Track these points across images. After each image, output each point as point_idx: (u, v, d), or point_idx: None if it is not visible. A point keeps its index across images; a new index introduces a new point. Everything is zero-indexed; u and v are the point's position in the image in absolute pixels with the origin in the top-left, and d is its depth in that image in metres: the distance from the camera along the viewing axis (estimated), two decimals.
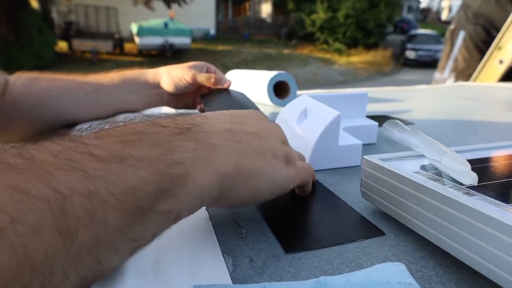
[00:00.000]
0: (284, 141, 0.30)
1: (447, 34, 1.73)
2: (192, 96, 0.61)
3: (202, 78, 0.56)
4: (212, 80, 0.56)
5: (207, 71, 0.60)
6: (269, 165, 0.26)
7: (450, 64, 1.67)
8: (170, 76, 0.57)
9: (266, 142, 0.27)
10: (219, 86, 0.57)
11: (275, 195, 0.28)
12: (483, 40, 1.57)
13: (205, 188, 0.22)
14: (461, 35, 1.63)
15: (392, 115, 0.69)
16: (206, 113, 0.27)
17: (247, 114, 0.29)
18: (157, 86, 0.57)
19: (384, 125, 0.40)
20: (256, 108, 0.56)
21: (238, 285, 0.21)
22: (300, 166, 0.30)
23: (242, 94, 0.62)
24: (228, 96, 0.57)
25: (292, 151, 0.30)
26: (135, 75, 0.57)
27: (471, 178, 0.24)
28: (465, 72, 1.62)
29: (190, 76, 0.56)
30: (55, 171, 0.16)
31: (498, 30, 1.48)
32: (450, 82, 1.64)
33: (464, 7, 1.67)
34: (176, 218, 0.21)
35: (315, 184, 0.37)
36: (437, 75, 1.75)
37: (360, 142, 0.43)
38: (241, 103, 0.57)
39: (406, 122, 0.64)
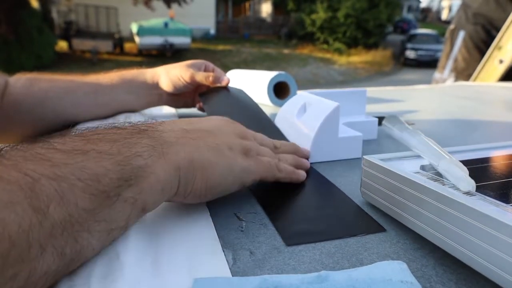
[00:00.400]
0: (244, 136, 0.32)
1: (447, 34, 1.74)
2: (191, 95, 0.61)
3: (200, 77, 0.56)
4: (211, 78, 0.56)
5: (205, 69, 0.60)
6: (224, 157, 0.29)
7: (450, 64, 1.67)
8: (169, 76, 0.57)
9: (221, 138, 0.30)
10: (218, 85, 0.57)
11: (236, 188, 0.30)
12: (483, 40, 1.58)
13: (164, 180, 0.24)
14: (461, 35, 1.63)
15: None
16: (163, 120, 0.30)
17: (206, 117, 0.33)
18: (156, 86, 0.57)
19: (384, 122, 0.40)
20: (255, 104, 0.56)
21: (238, 277, 0.21)
22: (263, 160, 0.32)
23: (241, 91, 0.61)
24: (227, 93, 0.57)
25: (255, 146, 0.33)
26: (134, 75, 0.57)
27: (469, 184, 0.24)
28: (465, 72, 1.63)
29: (188, 75, 0.56)
30: (24, 162, 0.19)
31: (498, 30, 1.48)
32: (450, 81, 1.65)
33: (464, 7, 1.67)
34: (144, 208, 0.24)
35: (316, 176, 0.37)
36: (437, 75, 1.75)
37: (360, 134, 0.43)
38: (240, 100, 0.57)
39: (406, 121, 0.64)
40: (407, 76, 9.65)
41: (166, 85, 0.57)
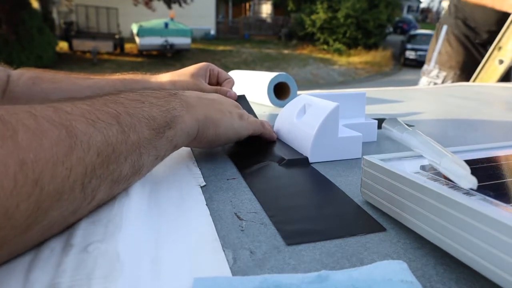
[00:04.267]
0: (238, 107, 0.45)
1: (436, 28, 1.78)
2: None
3: (208, 91, 0.58)
4: (218, 93, 0.58)
5: (210, 74, 0.61)
6: (226, 117, 0.41)
7: (434, 56, 1.73)
8: (176, 88, 0.57)
9: (224, 105, 0.42)
10: None
11: (235, 139, 0.43)
12: (463, 34, 1.63)
13: (189, 127, 0.36)
14: (444, 28, 1.69)
15: (391, 116, 0.69)
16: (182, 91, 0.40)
17: (213, 94, 0.44)
18: None
19: (384, 124, 0.40)
20: (254, 115, 0.57)
21: (238, 277, 0.21)
22: (251, 120, 0.45)
23: (243, 98, 0.62)
24: None
25: (246, 113, 0.45)
26: (137, 81, 0.57)
27: (471, 182, 0.24)
28: (447, 64, 1.68)
29: (195, 89, 0.57)
30: (109, 103, 0.29)
31: (476, 24, 1.54)
32: (435, 73, 1.68)
33: (450, 1, 1.71)
34: (175, 146, 0.35)
35: (316, 176, 0.38)
36: (425, 66, 1.80)
37: (360, 134, 0.43)
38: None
39: (406, 123, 0.64)
40: (407, 77, 9.64)
41: None
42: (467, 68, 1.60)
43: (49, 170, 0.22)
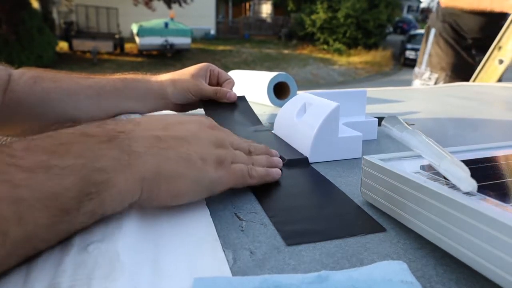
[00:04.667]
0: (220, 144, 0.32)
1: (425, 31, 1.80)
2: (196, 105, 0.62)
3: (208, 92, 0.58)
4: (218, 95, 0.58)
5: (210, 74, 0.61)
6: (194, 169, 0.28)
7: (425, 58, 1.76)
8: (176, 88, 0.57)
9: (196, 147, 0.29)
10: (225, 101, 0.59)
11: (205, 195, 0.30)
12: (451, 37, 1.65)
13: (125, 192, 0.25)
14: (433, 31, 1.71)
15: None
16: (141, 119, 0.30)
17: (185, 120, 0.32)
18: (163, 95, 0.57)
19: (383, 122, 0.41)
20: (257, 120, 0.57)
21: (238, 277, 0.21)
22: (236, 169, 0.32)
23: (243, 99, 0.62)
24: (229, 105, 0.59)
25: (230, 154, 0.32)
26: (138, 82, 0.57)
27: (470, 185, 0.24)
28: (438, 66, 1.70)
29: (196, 90, 0.57)
30: None
31: (462, 30, 1.57)
32: (427, 75, 1.72)
33: (437, 5, 1.73)
34: (102, 215, 0.25)
35: (316, 176, 0.38)
36: (416, 69, 1.83)
37: (360, 134, 0.43)
38: (240, 110, 0.59)
39: (406, 122, 0.64)
40: (407, 77, 9.62)
41: (173, 97, 0.57)
42: (457, 69, 1.63)
43: None
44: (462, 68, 1.57)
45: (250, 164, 0.34)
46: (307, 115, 0.44)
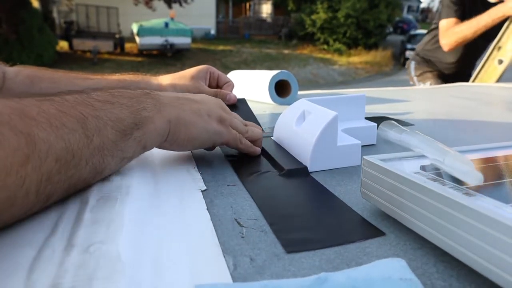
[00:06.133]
0: (225, 110, 0.43)
1: (407, 65, 1.91)
2: None
3: (208, 94, 0.57)
4: (218, 96, 0.58)
5: (210, 76, 0.61)
6: (202, 120, 0.38)
7: (413, 77, 1.84)
8: (176, 89, 0.57)
9: (204, 106, 0.39)
10: (225, 102, 0.59)
11: (209, 144, 0.40)
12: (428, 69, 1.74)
13: (159, 128, 0.35)
14: (412, 64, 1.81)
15: (392, 116, 0.69)
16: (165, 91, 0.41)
17: (199, 94, 0.42)
18: None
19: (380, 126, 0.40)
20: (256, 122, 0.57)
21: (239, 283, 0.21)
22: (232, 131, 0.41)
23: (243, 101, 0.62)
24: (230, 107, 0.59)
25: (230, 118, 0.42)
26: (138, 83, 0.57)
27: (476, 178, 0.24)
28: (424, 76, 1.77)
29: (195, 91, 0.57)
30: (77, 106, 0.29)
31: (438, 66, 1.67)
32: (418, 85, 1.78)
33: (417, 47, 1.84)
34: (144, 147, 0.34)
35: (316, 186, 0.37)
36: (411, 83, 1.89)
37: (359, 142, 0.43)
38: (242, 117, 0.59)
39: (405, 123, 0.64)
40: (407, 77, 9.63)
41: None
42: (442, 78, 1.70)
43: (1, 179, 0.22)
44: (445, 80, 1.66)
45: (244, 131, 0.43)
46: (306, 124, 0.43)
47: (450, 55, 1.59)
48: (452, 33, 1.46)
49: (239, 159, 0.44)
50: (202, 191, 0.34)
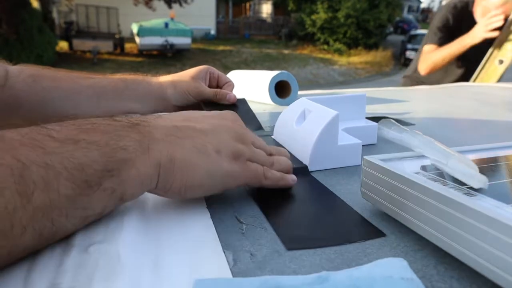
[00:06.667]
0: (242, 140, 0.32)
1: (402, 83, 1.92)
2: (196, 107, 0.62)
3: (208, 94, 0.58)
4: (218, 96, 0.59)
5: (210, 77, 0.61)
6: (207, 160, 0.29)
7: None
8: (176, 90, 0.57)
9: (212, 139, 0.30)
10: (225, 102, 0.59)
11: (219, 191, 0.31)
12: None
13: (144, 174, 0.26)
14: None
15: (392, 116, 0.69)
16: (165, 113, 0.30)
17: (209, 114, 0.33)
18: (163, 97, 0.57)
19: (379, 125, 0.40)
20: (257, 122, 0.57)
21: (239, 278, 0.21)
22: (251, 166, 0.32)
23: (243, 102, 0.62)
24: (230, 107, 0.60)
25: (249, 151, 0.32)
26: (139, 84, 0.57)
27: (481, 181, 0.24)
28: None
29: (196, 92, 0.57)
30: (20, 146, 0.22)
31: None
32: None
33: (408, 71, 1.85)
34: (121, 199, 0.26)
35: (316, 185, 0.37)
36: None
37: (359, 141, 0.43)
38: (243, 117, 0.59)
39: (405, 123, 0.64)
40: None
41: (173, 99, 0.57)
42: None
43: None
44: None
45: (269, 164, 0.34)
46: (307, 123, 0.43)
47: (447, 76, 1.60)
48: (427, 58, 1.54)
49: None
50: None
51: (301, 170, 0.40)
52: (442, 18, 1.51)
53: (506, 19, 1.36)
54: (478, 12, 1.44)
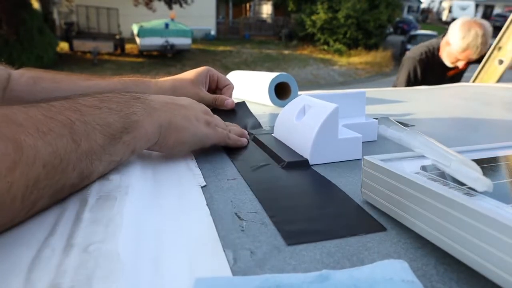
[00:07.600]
0: (208, 114, 0.45)
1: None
2: None
3: (207, 100, 0.59)
4: (217, 102, 0.60)
5: (210, 78, 0.61)
6: (191, 124, 0.40)
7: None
8: (175, 95, 0.57)
9: (191, 111, 0.41)
10: (223, 108, 0.60)
11: (198, 146, 0.42)
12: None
13: (150, 133, 0.36)
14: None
15: (392, 116, 0.69)
16: (152, 95, 0.41)
17: (183, 98, 0.44)
18: None
19: (378, 123, 0.40)
20: (257, 122, 0.58)
21: (240, 277, 0.21)
22: (219, 130, 0.44)
23: (243, 105, 0.62)
24: (230, 110, 0.60)
25: (214, 120, 0.45)
26: (138, 86, 0.57)
27: (485, 184, 0.23)
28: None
29: (195, 98, 0.57)
30: (64, 111, 0.29)
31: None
32: None
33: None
34: (133, 150, 0.35)
35: (316, 176, 0.38)
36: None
37: (360, 135, 0.43)
38: (239, 115, 0.59)
39: (406, 124, 0.64)
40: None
41: None
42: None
43: None
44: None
45: (227, 130, 0.46)
46: (307, 117, 0.44)
47: None
48: None
49: (239, 154, 0.45)
50: (201, 187, 0.35)
51: (301, 163, 0.40)
52: (410, 71, 1.68)
53: (468, 63, 1.60)
54: (444, 56, 1.65)
